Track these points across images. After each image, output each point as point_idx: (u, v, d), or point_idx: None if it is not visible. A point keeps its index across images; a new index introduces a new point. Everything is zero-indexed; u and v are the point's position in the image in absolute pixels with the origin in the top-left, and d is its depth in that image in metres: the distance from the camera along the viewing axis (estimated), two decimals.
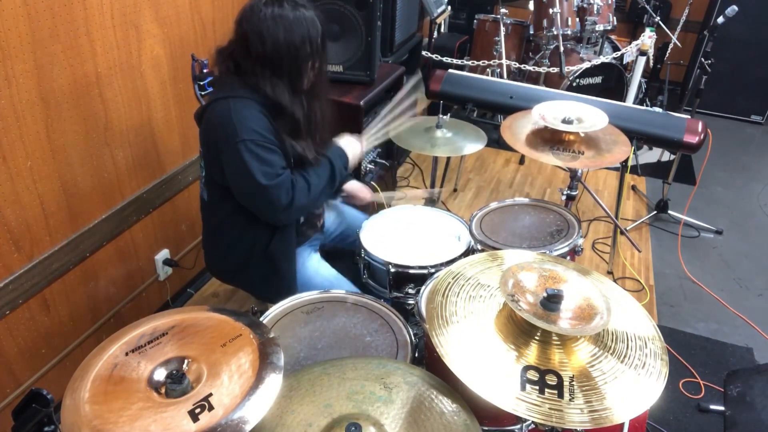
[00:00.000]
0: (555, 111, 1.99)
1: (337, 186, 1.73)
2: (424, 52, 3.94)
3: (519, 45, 4.27)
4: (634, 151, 2.26)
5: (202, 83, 2.27)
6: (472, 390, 0.96)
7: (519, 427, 1.30)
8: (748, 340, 2.47)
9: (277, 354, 1.04)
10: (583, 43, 4.07)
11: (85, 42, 1.73)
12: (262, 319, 1.44)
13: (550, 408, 0.94)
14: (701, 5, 4.70)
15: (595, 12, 3.95)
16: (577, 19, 3.96)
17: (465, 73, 2.99)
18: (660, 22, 4.16)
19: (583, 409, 0.94)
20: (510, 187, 3.58)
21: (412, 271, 1.67)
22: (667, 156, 3.99)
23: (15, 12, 1.50)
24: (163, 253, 2.33)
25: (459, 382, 0.98)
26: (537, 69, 3.92)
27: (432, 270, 1.65)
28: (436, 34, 4.36)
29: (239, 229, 1.68)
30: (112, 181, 1.97)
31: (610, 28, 4.05)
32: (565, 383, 0.98)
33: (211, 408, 0.93)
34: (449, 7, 3.99)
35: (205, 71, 2.27)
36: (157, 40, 2.03)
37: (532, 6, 4.12)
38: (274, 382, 0.98)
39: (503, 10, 4.03)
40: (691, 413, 2.10)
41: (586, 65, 3.68)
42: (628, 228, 3.16)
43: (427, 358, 1.35)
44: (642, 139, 2.49)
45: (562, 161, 1.86)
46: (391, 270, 1.68)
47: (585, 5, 3.94)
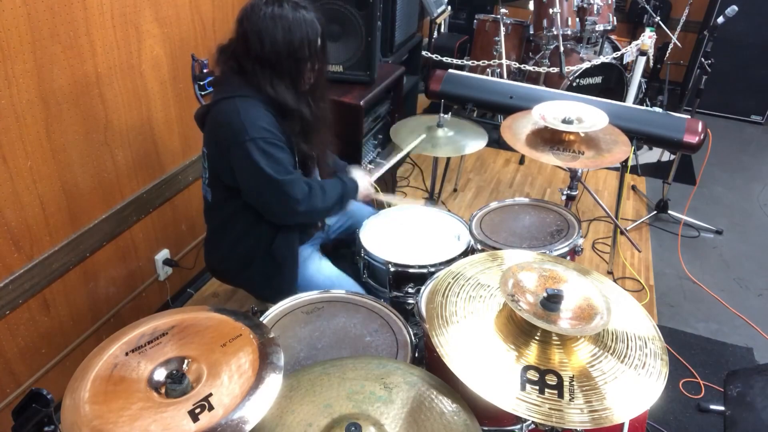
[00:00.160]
0: (555, 111, 1.99)
1: (342, 209, 1.73)
2: (424, 52, 3.94)
3: (519, 45, 4.27)
4: (634, 151, 2.26)
5: (202, 83, 2.28)
6: (472, 390, 0.96)
7: (519, 427, 1.30)
8: (748, 340, 2.47)
9: (277, 354, 1.04)
10: (583, 43, 4.07)
11: (85, 42, 1.73)
12: (262, 319, 1.44)
13: (550, 408, 0.94)
14: (701, 5, 4.70)
15: (595, 12, 3.94)
16: (577, 19, 3.96)
17: (465, 73, 2.99)
18: (660, 22, 4.16)
19: (583, 409, 0.95)
20: (510, 187, 3.58)
21: (412, 270, 1.68)
22: (667, 156, 3.99)
23: (15, 12, 1.50)
24: (163, 253, 2.33)
25: (459, 382, 0.98)
26: (537, 69, 3.92)
27: (432, 269, 1.66)
28: (436, 34, 4.37)
29: (243, 229, 1.68)
30: (112, 181, 1.97)
31: (610, 28, 4.05)
32: (565, 383, 0.98)
33: (211, 408, 0.93)
34: (449, 7, 3.99)
35: (205, 71, 2.28)
36: (157, 40, 2.03)
37: (532, 6, 4.12)
38: (274, 382, 0.99)
39: (503, 10, 4.03)
40: (691, 413, 2.10)
41: (586, 65, 3.68)
42: (628, 228, 3.16)
43: (427, 358, 1.35)
44: (642, 139, 2.49)
45: (562, 161, 1.86)
46: (391, 269, 1.68)
47: (585, 5, 3.94)
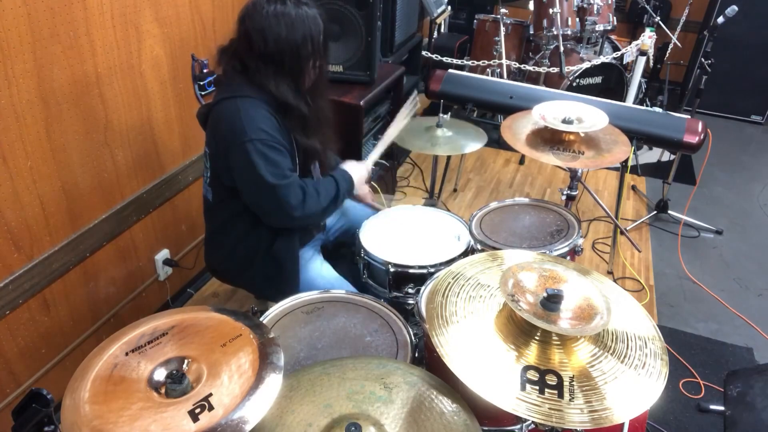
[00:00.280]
0: (555, 111, 1.99)
1: (338, 208, 1.72)
2: (424, 52, 3.94)
3: (519, 45, 4.27)
4: (634, 151, 2.26)
5: (202, 83, 2.28)
6: (472, 390, 0.96)
7: (519, 427, 1.30)
8: (748, 340, 2.47)
9: (277, 354, 1.04)
10: (583, 43, 4.07)
11: (85, 42, 1.73)
12: (262, 319, 1.44)
13: (550, 408, 0.94)
14: (701, 5, 4.70)
15: (595, 12, 3.94)
16: (577, 19, 3.96)
17: (465, 73, 2.98)
18: (660, 22, 4.16)
19: (583, 409, 0.94)
20: (510, 187, 3.57)
21: (411, 270, 1.67)
22: (667, 156, 3.99)
23: (15, 12, 1.50)
24: (163, 253, 2.33)
25: (459, 382, 0.98)
26: (537, 69, 3.92)
27: (432, 270, 1.65)
28: (436, 34, 4.37)
29: (244, 230, 1.68)
30: (112, 181, 1.97)
31: (610, 28, 4.05)
32: (565, 383, 0.98)
33: (211, 408, 0.93)
34: (449, 7, 3.99)
35: (205, 71, 2.28)
36: (157, 40, 2.03)
37: (532, 6, 4.12)
38: (274, 382, 0.98)
39: (503, 10, 4.03)
40: (691, 413, 2.10)
41: (586, 65, 3.68)
42: (628, 228, 3.16)
43: (427, 358, 1.35)
44: (642, 139, 2.49)
45: (562, 161, 1.86)
46: (391, 270, 1.68)
47: (585, 5, 3.94)
